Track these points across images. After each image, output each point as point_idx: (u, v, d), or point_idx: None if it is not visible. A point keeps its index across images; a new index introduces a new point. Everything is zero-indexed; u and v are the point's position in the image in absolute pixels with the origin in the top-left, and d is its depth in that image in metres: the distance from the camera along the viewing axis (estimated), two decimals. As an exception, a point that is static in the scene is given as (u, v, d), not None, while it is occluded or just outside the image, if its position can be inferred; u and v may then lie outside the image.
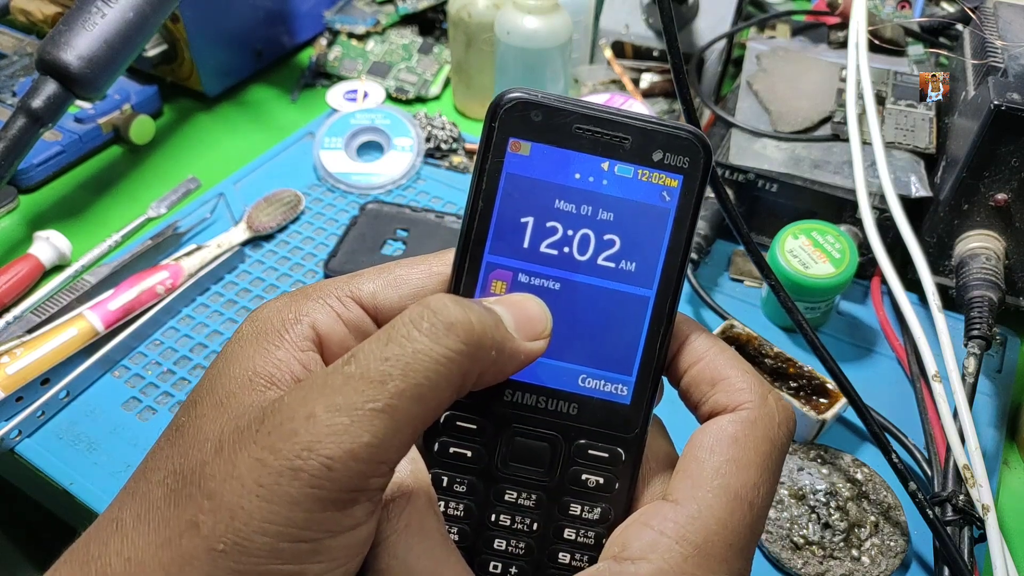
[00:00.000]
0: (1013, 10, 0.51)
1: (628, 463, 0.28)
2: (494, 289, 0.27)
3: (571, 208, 0.27)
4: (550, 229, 0.27)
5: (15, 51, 0.65)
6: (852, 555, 0.36)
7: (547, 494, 0.28)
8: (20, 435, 0.41)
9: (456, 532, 0.28)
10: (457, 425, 0.28)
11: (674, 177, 0.27)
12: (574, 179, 0.27)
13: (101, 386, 0.44)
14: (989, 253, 0.45)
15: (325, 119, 0.62)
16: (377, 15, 0.71)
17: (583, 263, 0.27)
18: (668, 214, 0.27)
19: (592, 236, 0.27)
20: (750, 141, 0.52)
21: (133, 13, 0.50)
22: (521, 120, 0.27)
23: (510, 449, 0.28)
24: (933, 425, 0.41)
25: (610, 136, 0.27)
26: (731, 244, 0.53)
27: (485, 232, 0.27)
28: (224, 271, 0.51)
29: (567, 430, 0.28)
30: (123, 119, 0.60)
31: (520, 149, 0.27)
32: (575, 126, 0.27)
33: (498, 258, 0.27)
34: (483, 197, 0.27)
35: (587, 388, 0.28)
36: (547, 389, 0.28)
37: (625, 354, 0.27)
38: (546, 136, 0.27)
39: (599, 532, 0.28)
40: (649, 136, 0.27)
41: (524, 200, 0.27)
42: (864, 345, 0.48)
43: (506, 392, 0.28)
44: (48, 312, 0.46)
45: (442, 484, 0.28)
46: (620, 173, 0.27)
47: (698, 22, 0.61)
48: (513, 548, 0.29)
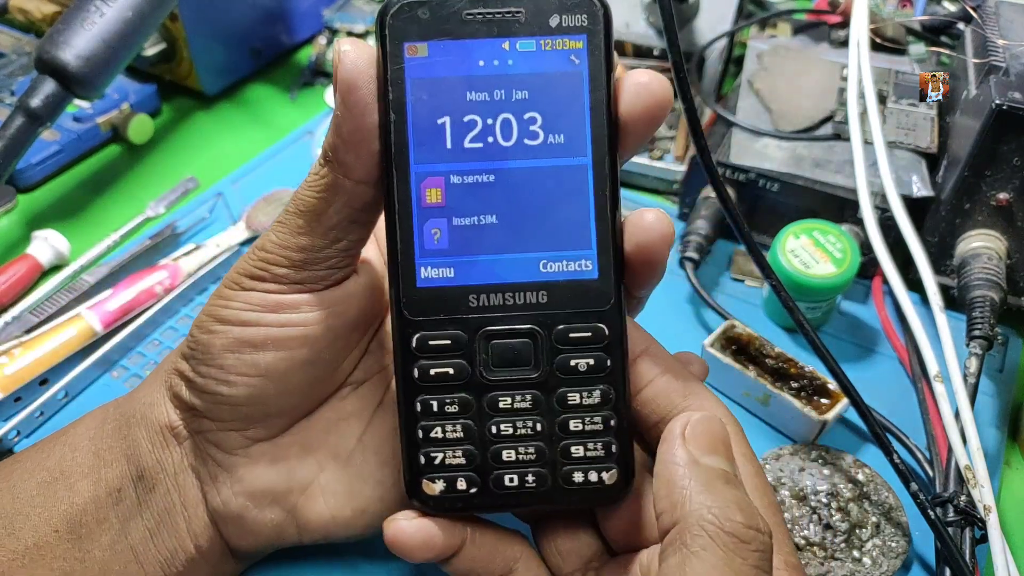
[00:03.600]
0: (1015, 9, 0.51)
1: (614, 337, 0.27)
2: (429, 197, 0.27)
3: (484, 97, 0.26)
4: (469, 123, 0.26)
5: (13, 50, 0.65)
6: (853, 556, 0.36)
7: (541, 390, 0.27)
8: (19, 435, 0.41)
9: (462, 454, 0.28)
10: (430, 344, 0.27)
11: (577, 38, 0.26)
12: (479, 67, 0.26)
13: (100, 386, 0.44)
14: (991, 253, 0.45)
15: (324, 118, 0.62)
16: (376, 13, 0.71)
17: (512, 148, 0.26)
18: (581, 76, 0.26)
19: (513, 119, 0.26)
20: (751, 140, 0.52)
21: (132, 12, 0.50)
22: (410, 21, 0.26)
23: (490, 355, 0.27)
24: (935, 425, 0.41)
25: (502, 14, 0.26)
26: (732, 243, 0.53)
27: (405, 143, 0.26)
28: (223, 271, 0.51)
29: (542, 320, 0.27)
30: (121, 118, 0.60)
31: (418, 52, 0.26)
32: (465, 13, 0.26)
33: (425, 166, 0.27)
34: (393, 108, 0.26)
35: (551, 272, 0.27)
36: (510, 284, 0.27)
37: (580, 228, 0.26)
38: (439, 31, 0.26)
39: (605, 415, 0.27)
40: (541, 4, 0.26)
41: (435, 101, 0.26)
42: (865, 345, 0.48)
43: (470, 299, 0.27)
44: (46, 312, 0.46)
45: (432, 409, 0.27)
46: (523, 48, 0.26)
47: (699, 21, 0.61)
48: (523, 455, 0.27)
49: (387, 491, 0.31)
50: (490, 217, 0.27)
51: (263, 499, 0.31)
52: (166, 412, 0.31)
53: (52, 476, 0.30)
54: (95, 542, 0.30)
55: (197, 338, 0.29)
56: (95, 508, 0.30)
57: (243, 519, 0.31)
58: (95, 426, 0.32)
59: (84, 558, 0.29)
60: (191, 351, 0.30)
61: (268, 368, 0.29)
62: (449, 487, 0.28)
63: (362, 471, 0.31)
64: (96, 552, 0.30)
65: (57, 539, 0.29)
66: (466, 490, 0.28)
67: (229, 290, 0.29)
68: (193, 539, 0.31)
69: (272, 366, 0.29)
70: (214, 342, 0.29)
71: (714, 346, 0.43)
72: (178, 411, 0.31)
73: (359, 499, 0.31)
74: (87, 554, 0.29)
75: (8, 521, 0.29)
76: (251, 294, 0.29)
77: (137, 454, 0.31)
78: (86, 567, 0.29)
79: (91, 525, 0.30)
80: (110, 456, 0.31)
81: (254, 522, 0.31)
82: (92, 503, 0.30)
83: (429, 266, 0.27)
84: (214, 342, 0.29)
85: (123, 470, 0.31)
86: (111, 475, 0.30)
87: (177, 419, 0.31)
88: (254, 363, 0.29)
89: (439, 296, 0.27)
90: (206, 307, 0.30)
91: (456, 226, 0.27)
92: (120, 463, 0.31)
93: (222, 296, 0.29)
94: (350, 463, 0.32)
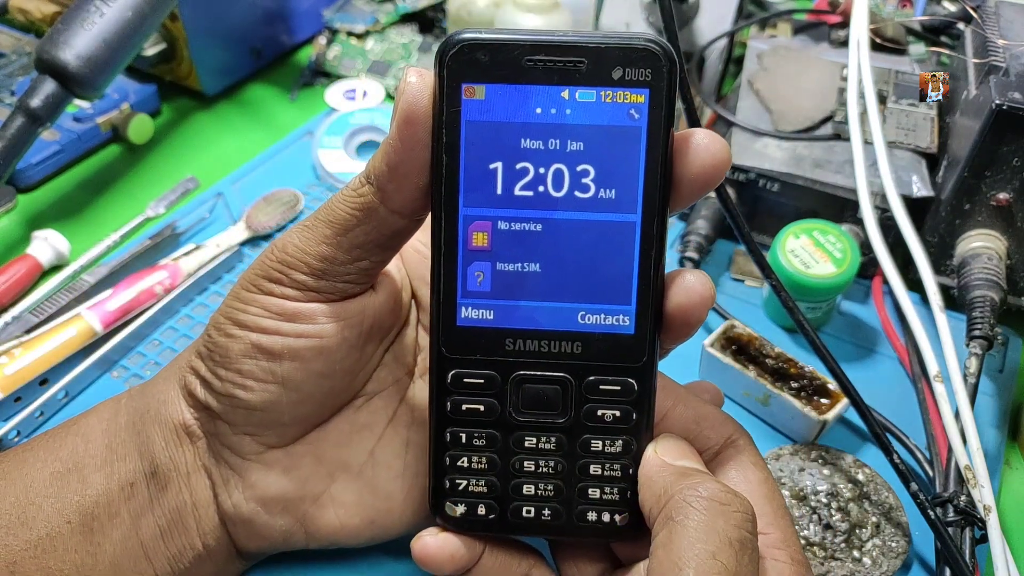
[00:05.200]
0: (1015, 9, 0.51)
1: (642, 392, 0.27)
2: (475, 241, 0.27)
3: (538, 145, 0.26)
4: (521, 171, 0.26)
5: (13, 50, 0.65)
6: (853, 556, 0.36)
7: (566, 435, 0.28)
8: (19, 436, 0.41)
9: (484, 484, 0.29)
10: (464, 382, 0.28)
11: (639, 92, 0.25)
12: (536, 115, 0.26)
13: (100, 386, 0.44)
14: (991, 253, 0.45)
15: (324, 118, 0.62)
16: (376, 14, 0.71)
17: (561, 199, 0.26)
18: (640, 132, 0.25)
19: (565, 170, 0.26)
20: (751, 140, 0.52)
21: (132, 12, 0.50)
22: (470, 63, 0.25)
23: (520, 397, 0.28)
24: (935, 425, 0.41)
25: (564, 62, 0.25)
26: (732, 244, 0.53)
27: (455, 185, 0.26)
28: (223, 271, 0.51)
29: (575, 369, 0.27)
30: (121, 118, 0.60)
31: (475, 94, 0.26)
32: (526, 59, 0.25)
33: (474, 209, 0.26)
34: (446, 151, 0.26)
35: (588, 324, 0.27)
36: (547, 332, 0.27)
37: (621, 284, 0.26)
38: (498, 75, 0.25)
39: (625, 464, 0.28)
40: (605, 54, 0.25)
41: (489, 146, 0.26)
42: (865, 345, 0.48)
43: (506, 342, 0.27)
44: (46, 312, 0.46)
45: (460, 441, 0.28)
46: (582, 99, 0.25)
47: (699, 21, 0.61)
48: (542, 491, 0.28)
49: (396, 504, 0.32)
50: (534, 265, 0.27)
51: (274, 506, 0.31)
52: (180, 410, 0.31)
53: (65, 467, 0.30)
54: (106, 536, 0.30)
55: (215, 339, 0.30)
56: (107, 502, 0.30)
57: (253, 523, 0.31)
58: (108, 418, 0.32)
59: (95, 551, 0.30)
60: (208, 352, 0.30)
61: (285, 376, 0.29)
62: (470, 511, 0.29)
63: (372, 483, 0.32)
64: (107, 546, 0.30)
65: (70, 531, 0.29)
66: (485, 515, 0.29)
67: (247, 292, 0.29)
68: (202, 538, 0.31)
69: (289, 375, 0.29)
70: (232, 346, 0.29)
71: (714, 346, 0.43)
72: (192, 410, 0.31)
73: (369, 510, 0.32)
74: (98, 547, 0.30)
75: (21, 511, 0.29)
76: (269, 300, 0.29)
77: (151, 450, 0.31)
78: (97, 560, 0.30)
79: (103, 519, 0.30)
80: (123, 450, 0.31)
81: (264, 527, 0.31)
82: (105, 496, 0.30)
83: (470, 307, 0.27)
84: (232, 346, 0.29)
85: (136, 465, 0.31)
86: (124, 469, 0.30)
87: (191, 418, 0.31)
88: (271, 371, 0.29)
89: (477, 336, 0.27)
90: (223, 308, 0.30)
91: (499, 271, 0.27)
92: (133, 458, 0.31)
93: (240, 299, 0.29)
94: (361, 475, 0.32)
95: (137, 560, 0.30)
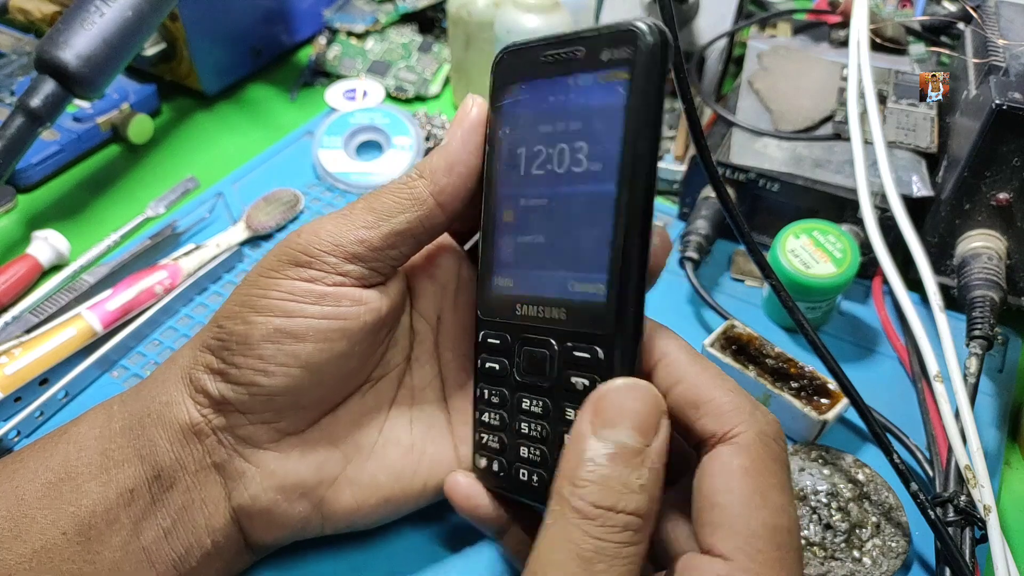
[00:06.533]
0: (1015, 9, 0.51)
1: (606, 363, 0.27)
2: (506, 217, 0.30)
3: (549, 128, 0.29)
4: (536, 152, 0.29)
5: (13, 50, 0.65)
6: (853, 556, 0.36)
7: (551, 400, 0.29)
8: (19, 435, 0.41)
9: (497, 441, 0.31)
10: (488, 342, 0.31)
11: (622, 70, 0.27)
12: (550, 102, 0.29)
13: (100, 386, 0.44)
14: (991, 253, 0.45)
15: (324, 118, 0.62)
16: (376, 13, 0.71)
17: (562, 175, 0.28)
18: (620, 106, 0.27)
19: (567, 148, 0.28)
20: (751, 140, 0.52)
21: (132, 12, 0.50)
22: (510, 67, 0.30)
23: (522, 359, 0.30)
24: (934, 425, 0.41)
25: (568, 52, 0.28)
26: (732, 243, 0.53)
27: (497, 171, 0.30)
28: (223, 271, 0.51)
29: (558, 335, 0.29)
30: (121, 118, 0.60)
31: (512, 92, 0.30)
32: (543, 55, 0.29)
33: (506, 189, 0.30)
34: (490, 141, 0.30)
35: (573, 292, 0.28)
36: (543, 298, 0.29)
37: (597, 253, 0.27)
38: (528, 73, 0.29)
39: None
40: (596, 41, 0.28)
41: (518, 134, 0.30)
42: (865, 345, 0.48)
43: (516, 307, 0.30)
44: (46, 312, 0.46)
45: (484, 397, 0.31)
46: (582, 83, 0.28)
47: (699, 21, 0.61)
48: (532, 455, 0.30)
49: (407, 481, 0.33)
50: (540, 237, 0.29)
51: (293, 492, 0.31)
52: (186, 410, 0.31)
53: (57, 477, 0.30)
54: (105, 543, 0.30)
55: (230, 329, 0.30)
56: (105, 510, 0.30)
57: (272, 513, 0.31)
58: (101, 424, 0.32)
59: (94, 560, 0.29)
60: (220, 343, 0.30)
61: (308, 359, 0.30)
62: (488, 466, 0.32)
63: (384, 462, 0.33)
64: (106, 553, 0.30)
65: (65, 541, 0.29)
66: (497, 472, 0.31)
67: (266, 279, 0.30)
68: (211, 535, 0.31)
69: (311, 357, 0.30)
70: (252, 332, 0.29)
71: (714, 346, 0.43)
72: (200, 407, 0.31)
73: (383, 489, 0.33)
74: (97, 555, 0.29)
75: (14, 524, 0.29)
76: (294, 283, 0.30)
77: (154, 453, 0.31)
78: (96, 568, 0.29)
79: (101, 527, 0.30)
80: (120, 456, 0.31)
81: (283, 515, 0.32)
82: (101, 504, 0.30)
83: (499, 275, 0.31)
84: (252, 332, 0.29)
85: (137, 471, 0.30)
86: (123, 476, 0.30)
87: (199, 416, 0.31)
88: (294, 353, 0.30)
89: (500, 301, 0.30)
90: (236, 297, 0.30)
91: (519, 243, 0.30)
92: (133, 463, 0.30)
93: (258, 286, 0.30)
94: (373, 455, 0.33)
95: (139, 564, 0.30)
